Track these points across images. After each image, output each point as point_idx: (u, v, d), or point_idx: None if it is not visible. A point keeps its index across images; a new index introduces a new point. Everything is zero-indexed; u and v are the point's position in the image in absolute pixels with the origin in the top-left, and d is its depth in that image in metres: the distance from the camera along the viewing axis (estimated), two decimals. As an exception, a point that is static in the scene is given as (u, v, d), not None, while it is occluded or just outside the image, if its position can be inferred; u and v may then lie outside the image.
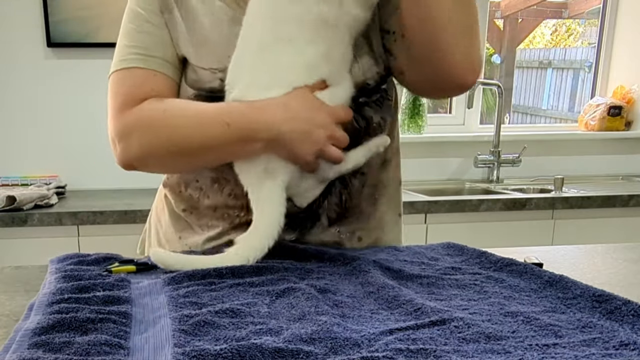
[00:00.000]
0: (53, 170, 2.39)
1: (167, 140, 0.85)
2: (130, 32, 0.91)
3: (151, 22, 0.90)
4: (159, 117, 0.86)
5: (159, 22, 0.90)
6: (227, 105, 0.84)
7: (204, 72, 0.89)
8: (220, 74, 0.87)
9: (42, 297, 0.67)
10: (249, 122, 0.81)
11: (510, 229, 2.20)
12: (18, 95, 2.36)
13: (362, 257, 0.85)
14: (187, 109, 0.86)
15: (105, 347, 0.54)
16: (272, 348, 0.52)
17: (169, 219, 1.01)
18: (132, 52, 0.89)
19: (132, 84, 0.89)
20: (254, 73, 0.84)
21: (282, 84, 0.82)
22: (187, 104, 0.87)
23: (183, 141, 0.85)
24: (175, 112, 0.85)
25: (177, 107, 0.87)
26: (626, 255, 0.96)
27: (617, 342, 0.54)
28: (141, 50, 0.89)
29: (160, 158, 0.88)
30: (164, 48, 0.90)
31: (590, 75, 3.07)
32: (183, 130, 0.84)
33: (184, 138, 0.84)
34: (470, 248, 0.91)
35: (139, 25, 0.90)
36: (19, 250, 1.96)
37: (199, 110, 0.85)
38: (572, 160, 2.84)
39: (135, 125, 0.87)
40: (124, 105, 0.88)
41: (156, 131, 0.86)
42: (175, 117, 0.85)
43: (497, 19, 3.56)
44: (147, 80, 0.89)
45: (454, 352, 0.52)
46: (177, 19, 0.90)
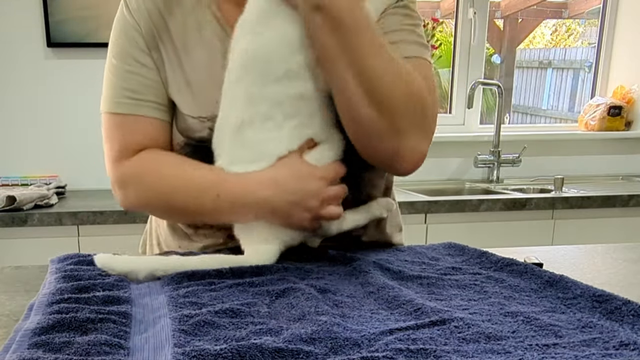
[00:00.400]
0: (53, 170, 2.39)
1: (162, 201, 0.87)
2: (119, 71, 0.89)
3: (140, 62, 0.88)
4: (155, 180, 0.87)
5: (148, 62, 0.88)
6: (218, 176, 0.83)
7: (192, 120, 0.87)
8: (208, 123, 0.86)
9: (42, 297, 0.67)
10: (239, 197, 0.81)
11: (510, 229, 2.20)
12: (18, 95, 2.36)
13: (362, 257, 0.85)
14: (181, 176, 0.85)
15: (105, 347, 0.54)
16: (272, 348, 0.52)
17: (167, 229, 1.01)
18: (124, 95, 0.88)
19: (127, 131, 0.89)
20: (234, 150, 0.83)
21: (265, 157, 0.81)
22: (181, 169, 0.86)
23: (177, 205, 0.86)
24: (170, 179, 0.86)
25: (172, 172, 0.86)
26: (626, 255, 0.96)
27: (617, 342, 0.54)
28: (133, 94, 0.88)
29: (156, 212, 0.92)
30: (156, 90, 0.88)
31: (590, 75, 3.07)
32: (177, 196, 0.85)
33: (178, 203, 0.85)
34: (471, 248, 0.91)
35: (129, 64, 0.88)
36: (19, 250, 1.96)
37: (192, 178, 0.85)
38: (572, 160, 2.84)
39: (131, 179, 0.88)
40: (120, 154, 0.89)
41: (152, 191, 0.87)
42: (170, 183, 0.86)
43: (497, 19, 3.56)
44: (141, 127, 0.88)
45: (454, 352, 0.52)
46: (163, 58, 0.88)
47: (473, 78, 2.75)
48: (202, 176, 0.84)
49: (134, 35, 0.88)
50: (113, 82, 0.89)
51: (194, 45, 0.88)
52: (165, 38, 0.88)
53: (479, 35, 2.77)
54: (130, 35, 0.89)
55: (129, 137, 0.89)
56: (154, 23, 0.88)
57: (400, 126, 0.79)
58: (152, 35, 0.88)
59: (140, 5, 0.88)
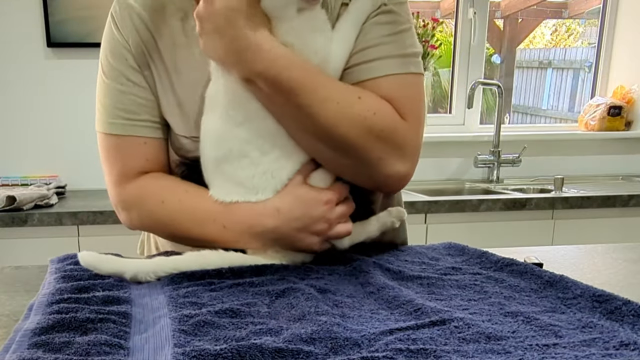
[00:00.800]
0: (53, 170, 2.39)
1: (165, 228, 0.87)
2: (112, 91, 0.87)
3: (132, 81, 0.86)
4: (158, 209, 0.85)
5: (140, 81, 0.86)
6: (223, 207, 0.82)
7: (185, 140, 0.86)
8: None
9: (41, 298, 0.67)
10: (245, 228, 0.81)
11: (510, 229, 2.20)
12: (18, 95, 2.36)
13: (362, 257, 0.85)
14: (184, 204, 0.84)
15: (105, 347, 0.54)
16: (272, 348, 0.52)
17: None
18: (118, 116, 0.86)
19: (125, 155, 0.87)
20: (221, 183, 0.82)
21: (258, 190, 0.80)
22: (184, 197, 0.85)
23: (182, 233, 0.85)
24: (173, 206, 0.84)
25: (174, 200, 0.85)
26: (626, 255, 0.96)
27: (617, 342, 0.54)
28: (127, 114, 0.86)
29: (161, 235, 0.91)
30: (150, 109, 0.87)
31: (590, 75, 3.07)
32: (181, 225, 0.84)
33: (182, 231, 0.84)
34: (471, 248, 0.91)
35: (120, 83, 0.86)
36: (19, 250, 1.96)
37: (195, 207, 0.83)
38: (572, 160, 2.84)
39: (134, 204, 0.88)
40: (120, 178, 0.88)
41: (155, 218, 0.86)
42: (173, 211, 0.84)
43: (497, 19, 3.56)
44: (139, 150, 0.87)
45: (454, 352, 0.52)
46: (154, 77, 0.86)
47: (473, 78, 2.75)
48: (207, 208, 0.82)
49: (123, 53, 0.86)
50: (106, 102, 0.87)
51: (184, 64, 0.85)
52: (155, 57, 0.86)
53: (479, 35, 2.77)
54: (120, 54, 0.86)
55: (128, 160, 0.87)
56: (143, 42, 0.86)
57: (370, 160, 0.79)
58: (142, 53, 0.86)
59: (128, 23, 0.86)
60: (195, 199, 0.84)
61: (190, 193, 0.84)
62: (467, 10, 2.75)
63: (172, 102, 0.86)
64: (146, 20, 0.86)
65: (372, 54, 0.81)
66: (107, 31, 0.89)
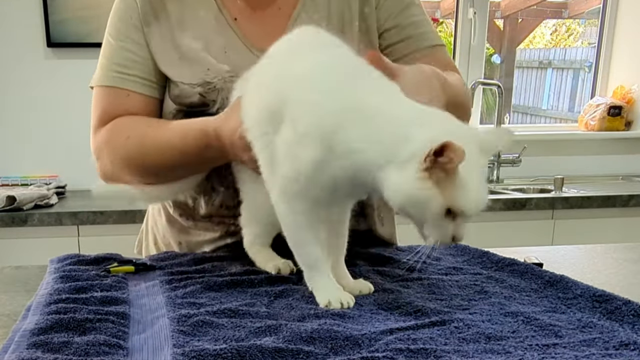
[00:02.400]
0: (53, 170, 2.39)
1: (132, 163, 0.89)
2: (111, 48, 0.93)
3: (131, 38, 0.92)
4: (123, 145, 0.89)
5: (138, 38, 0.92)
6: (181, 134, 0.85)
7: (183, 86, 0.90)
8: (198, 89, 0.89)
9: (40, 298, 0.67)
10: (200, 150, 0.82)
11: (510, 229, 2.20)
12: (18, 95, 2.36)
13: (361, 258, 0.85)
14: (147, 136, 0.88)
15: (105, 347, 0.54)
16: (272, 348, 0.52)
17: (166, 223, 1.01)
18: (113, 69, 0.92)
19: (109, 102, 0.93)
20: None
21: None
22: (146, 130, 0.89)
23: (145, 165, 0.88)
24: (137, 139, 0.88)
25: (138, 133, 0.89)
26: (626, 255, 0.96)
27: (617, 342, 0.54)
28: (120, 68, 0.92)
29: (132, 177, 0.91)
30: (143, 66, 0.92)
31: (590, 75, 3.07)
32: (145, 156, 0.88)
33: (147, 163, 0.88)
34: (473, 248, 0.91)
35: (120, 40, 0.92)
36: (19, 250, 1.96)
37: (156, 136, 0.88)
38: (572, 160, 2.84)
39: (104, 147, 0.91)
40: (99, 122, 0.93)
41: (121, 155, 0.90)
42: (137, 144, 0.88)
43: (497, 19, 3.56)
44: (123, 100, 0.92)
45: (454, 352, 0.52)
46: (155, 33, 0.91)
47: (473, 78, 2.75)
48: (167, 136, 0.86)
49: (129, 11, 0.92)
50: (105, 57, 0.94)
51: (190, 24, 0.91)
52: (162, 16, 0.91)
53: (479, 35, 2.77)
54: (126, 12, 0.92)
55: (108, 107, 0.92)
56: (151, 2, 0.91)
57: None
58: (148, 11, 0.91)
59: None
60: (156, 130, 0.88)
61: (152, 126, 0.90)
62: (467, 10, 2.74)
63: (172, 54, 0.91)
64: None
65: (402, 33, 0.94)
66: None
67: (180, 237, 0.98)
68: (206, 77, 0.89)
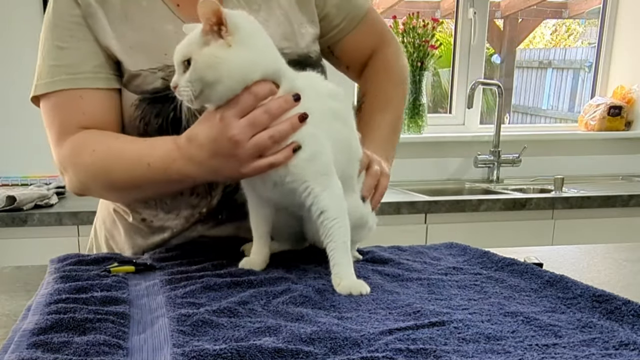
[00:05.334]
0: (53, 170, 2.37)
1: (99, 178, 0.86)
2: (52, 50, 0.88)
3: (75, 37, 0.87)
4: (89, 159, 0.85)
5: (83, 33, 0.88)
6: (147, 144, 0.83)
7: (144, 73, 0.88)
8: (160, 73, 0.87)
9: (39, 298, 0.67)
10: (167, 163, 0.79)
11: (510, 229, 2.20)
12: (18, 95, 2.36)
13: (361, 260, 0.86)
14: (113, 149, 0.85)
15: (104, 347, 0.54)
16: (272, 348, 0.52)
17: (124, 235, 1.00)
18: (59, 72, 0.87)
19: (62, 110, 0.88)
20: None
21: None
22: (113, 143, 0.86)
23: (112, 180, 0.85)
24: (103, 154, 0.85)
25: (104, 147, 0.85)
26: (626, 255, 0.96)
27: (617, 342, 0.54)
28: (67, 68, 0.87)
29: (98, 192, 0.91)
30: (93, 59, 0.88)
31: (590, 75, 3.07)
32: (111, 171, 0.84)
33: (114, 178, 0.85)
34: (473, 248, 0.91)
35: (62, 41, 0.88)
36: (19, 250, 1.95)
37: (123, 149, 0.84)
38: (572, 160, 2.84)
39: (69, 161, 0.88)
40: (59, 136, 0.89)
41: (88, 170, 0.86)
42: (103, 158, 0.85)
43: (497, 19, 3.56)
44: (77, 103, 0.87)
45: (454, 352, 0.52)
46: (101, 22, 0.87)
47: (473, 78, 2.75)
48: (133, 148, 0.84)
49: (70, 12, 0.88)
50: (44, 64, 0.88)
51: (134, 13, 0.88)
52: (106, 7, 0.87)
53: (479, 35, 2.77)
54: (66, 13, 0.88)
55: (65, 117, 0.88)
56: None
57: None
58: (90, 2, 0.87)
59: None
60: (123, 144, 0.85)
61: (119, 139, 0.87)
62: (467, 10, 2.74)
63: (124, 44, 0.88)
64: None
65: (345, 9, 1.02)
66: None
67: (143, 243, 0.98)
68: (166, 61, 0.85)
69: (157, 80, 0.87)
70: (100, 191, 0.91)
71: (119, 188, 0.87)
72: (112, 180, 0.85)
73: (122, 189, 0.86)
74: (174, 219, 0.94)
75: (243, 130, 0.71)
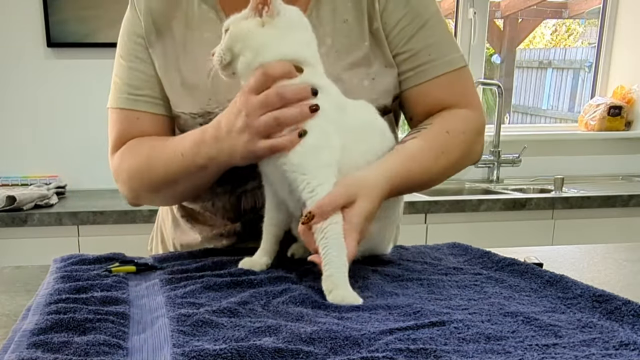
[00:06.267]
0: (53, 170, 2.39)
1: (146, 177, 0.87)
2: (121, 68, 0.92)
3: (139, 57, 0.91)
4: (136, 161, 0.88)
5: (146, 57, 0.90)
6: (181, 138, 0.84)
7: (184, 116, 0.89)
8: (200, 119, 0.87)
9: (40, 298, 0.67)
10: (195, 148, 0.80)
11: (510, 229, 2.20)
12: (18, 95, 2.36)
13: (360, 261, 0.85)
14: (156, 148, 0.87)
15: (104, 347, 0.54)
16: (272, 348, 0.52)
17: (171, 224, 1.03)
18: (125, 91, 0.91)
19: (121, 125, 0.92)
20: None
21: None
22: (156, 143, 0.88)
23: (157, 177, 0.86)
24: (148, 152, 0.87)
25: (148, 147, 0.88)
26: (626, 255, 0.96)
27: (617, 342, 0.54)
28: (132, 89, 0.90)
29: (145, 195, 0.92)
30: (152, 85, 0.90)
31: (590, 75, 3.07)
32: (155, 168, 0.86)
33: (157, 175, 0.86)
34: (474, 248, 0.91)
35: (129, 60, 0.91)
36: (19, 250, 1.96)
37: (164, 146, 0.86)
38: (572, 160, 2.84)
39: (120, 167, 0.91)
40: (114, 145, 0.92)
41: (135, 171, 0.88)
42: (148, 157, 0.87)
43: (497, 19, 3.56)
44: (134, 123, 0.91)
45: (454, 352, 0.52)
46: (159, 54, 0.89)
47: (473, 78, 2.75)
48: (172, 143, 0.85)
49: (136, 31, 0.90)
50: (116, 79, 0.93)
51: (194, 45, 0.88)
52: (167, 35, 0.89)
53: (479, 35, 2.77)
54: (132, 30, 0.91)
55: (122, 130, 0.91)
56: (155, 18, 0.89)
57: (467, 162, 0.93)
58: (151, 30, 0.89)
59: (144, 3, 0.90)
60: (165, 141, 0.87)
61: (162, 139, 0.88)
62: (467, 10, 2.74)
63: (175, 79, 0.89)
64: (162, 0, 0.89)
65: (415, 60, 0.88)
66: (126, 14, 0.93)
67: (181, 239, 0.99)
68: (207, 107, 0.87)
69: (196, 125, 0.86)
70: (146, 194, 0.92)
71: (159, 185, 0.87)
72: (157, 178, 0.86)
73: (162, 186, 0.87)
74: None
75: (254, 106, 0.73)
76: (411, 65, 0.88)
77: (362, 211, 0.70)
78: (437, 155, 0.83)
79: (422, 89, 0.89)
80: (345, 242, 0.69)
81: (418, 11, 0.87)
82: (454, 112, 0.88)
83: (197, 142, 0.80)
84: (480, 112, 0.91)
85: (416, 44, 0.87)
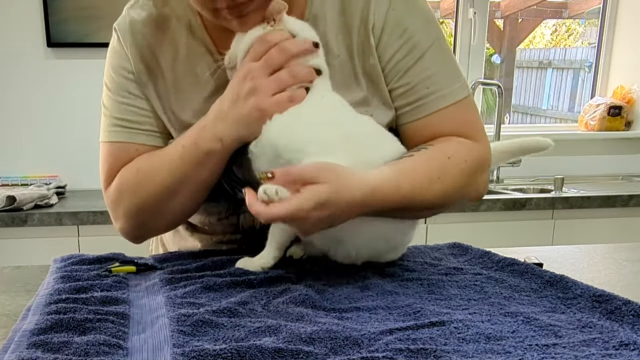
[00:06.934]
0: (53, 170, 2.39)
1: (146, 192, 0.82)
2: (114, 103, 0.86)
3: (132, 93, 0.86)
4: (134, 179, 0.83)
5: (140, 93, 0.86)
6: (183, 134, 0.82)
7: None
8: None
9: (40, 298, 0.67)
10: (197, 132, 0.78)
11: (510, 229, 2.20)
12: (18, 95, 2.36)
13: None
14: (154, 158, 0.83)
15: (104, 347, 0.54)
16: (272, 348, 0.52)
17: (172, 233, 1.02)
18: (119, 125, 0.86)
19: (116, 157, 0.86)
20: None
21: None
22: (152, 154, 0.84)
23: (159, 188, 0.81)
24: (145, 166, 0.83)
25: (144, 161, 0.84)
26: (626, 255, 0.96)
27: (617, 342, 0.54)
28: (128, 123, 0.85)
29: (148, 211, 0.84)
30: (152, 119, 0.86)
31: (590, 75, 3.07)
32: (155, 178, 0.81)
33: (159, 185, 0.81)
34: (475, 248, 0.91)
35: (122, 96, 0.86)
36: (19, 250, 1.96)
37: (162, 154, 0.83)
38: (572, 160, 2.84)
39: (117, 193, 0.85)
40: (107, 179, 0.87)
41: (134, 191, 0.83)
42: (146, 170, 0.83)
43: (497, 19, 3.56)
44: (132, 155, 0.85)
45: (454, 352, 0.52)
46: (152, 95, 0.85)
47: (473, 78, 2.75)
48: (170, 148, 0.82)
49: (125, 66, 0.86)
50: (107, 112, 0.88)
51: (185, 81, 0.85)
52: (158, 74, 0.85)
53: (479, 35, 2.77)
54: (121, 67, 0.86)
55: (116, 162, 0.86)
56: (144, 59, 0.85)
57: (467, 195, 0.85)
58: (142, 70, 0.85)
59: (129, 39, 0.85)
60: (162, 150, 0.84)
61: (158, 150, 0.85)
62: (467, 10, 2.74)
63: (169, 118, 0.86)
64: (148, 37, 0.85)
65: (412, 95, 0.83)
66: (111, 45, 0.88)
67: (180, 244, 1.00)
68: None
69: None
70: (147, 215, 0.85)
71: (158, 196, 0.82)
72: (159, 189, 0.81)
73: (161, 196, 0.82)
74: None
75: (258, 67, 0.73)
76: (407, 100, 0.83)
77: (318, 195, 0.65)
78: (432, 179, 0.76)
79: (420, 124, 0.83)
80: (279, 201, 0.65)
81: (416, 41, 0.81)
82: (459, 139, 0.82)
83: (198, 130, 0.78)
84: (485, 145, 0.85)
85: (412, 78, 0.82)
